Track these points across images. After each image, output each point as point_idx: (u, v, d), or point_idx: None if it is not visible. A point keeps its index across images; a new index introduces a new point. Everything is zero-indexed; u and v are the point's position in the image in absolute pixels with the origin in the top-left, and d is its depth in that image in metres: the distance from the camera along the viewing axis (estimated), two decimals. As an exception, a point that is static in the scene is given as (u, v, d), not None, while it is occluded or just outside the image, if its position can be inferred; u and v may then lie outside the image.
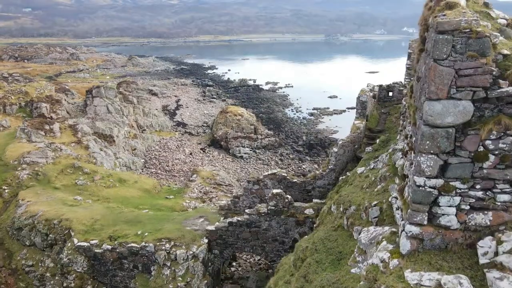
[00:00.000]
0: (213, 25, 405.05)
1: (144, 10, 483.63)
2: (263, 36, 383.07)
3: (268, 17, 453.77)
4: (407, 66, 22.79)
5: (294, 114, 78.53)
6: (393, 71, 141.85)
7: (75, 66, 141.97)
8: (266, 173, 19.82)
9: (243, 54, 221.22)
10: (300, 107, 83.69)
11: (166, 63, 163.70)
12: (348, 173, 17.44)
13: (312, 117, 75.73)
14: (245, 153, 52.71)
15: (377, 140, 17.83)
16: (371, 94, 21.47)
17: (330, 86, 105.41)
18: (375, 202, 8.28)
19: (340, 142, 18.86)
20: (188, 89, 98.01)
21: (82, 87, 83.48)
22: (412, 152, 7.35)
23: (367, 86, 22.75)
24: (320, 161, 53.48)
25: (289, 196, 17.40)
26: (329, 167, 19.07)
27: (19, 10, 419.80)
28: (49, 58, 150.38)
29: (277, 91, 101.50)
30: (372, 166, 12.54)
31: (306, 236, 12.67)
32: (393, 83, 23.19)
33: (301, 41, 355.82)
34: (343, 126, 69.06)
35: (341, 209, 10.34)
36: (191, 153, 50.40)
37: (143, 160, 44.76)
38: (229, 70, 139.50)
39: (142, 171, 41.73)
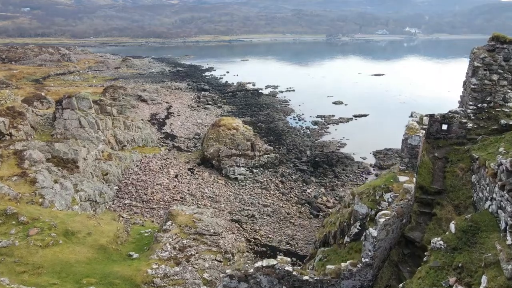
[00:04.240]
0: (213, 25, 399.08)
1: (144, 10, 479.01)
2: (263, 36, 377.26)
3: (269, 17, 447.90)
4: (473, 86, 15.08)
5: (296, 123, 71.21)
6: (398, 72, 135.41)
7: (66, 68, 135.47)
8: (259, 264, 12.14)
9: (243, 54, 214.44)
10: (302, 114, 76.54)
11: (162, 64, 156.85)
12: (402, 288, 9.80)
13: (316, 127, 68.35)
14: (240, 174, 45.03)
15: (452, 227, 10.17)
16: (423, 132, 13.76)
17: (334, 90, 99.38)
18: None
19: (382, 221, 11.19)
20: (181, 94, 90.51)
21: (66, 92, 76.13)
22: None
23: (412, 117, 14.98)
24: (328, 183, 45.79)
25: (297, 330, 9.78)
26: (364, 260, 11.42)
27: (18, 9, 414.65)
28: (39, 59, 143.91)
29: (277, 95, 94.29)
30: None
31: None
32: (450, 111, 15.45)
33: (302, 42, 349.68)
34: (350, 138, 61.87)
35: None
36: (176, 176, 42.70)
37: (116, 187, 37.08)
38: (227, 72, 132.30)
39: (113, 203, 34.12)
